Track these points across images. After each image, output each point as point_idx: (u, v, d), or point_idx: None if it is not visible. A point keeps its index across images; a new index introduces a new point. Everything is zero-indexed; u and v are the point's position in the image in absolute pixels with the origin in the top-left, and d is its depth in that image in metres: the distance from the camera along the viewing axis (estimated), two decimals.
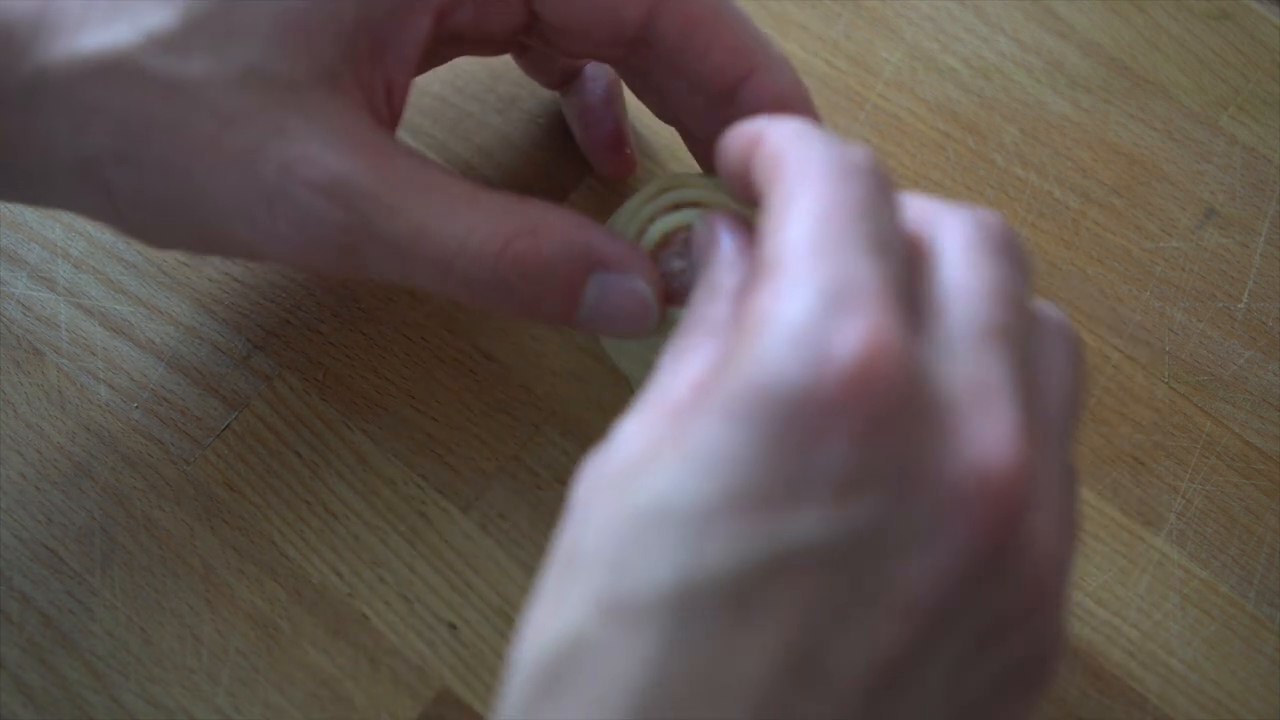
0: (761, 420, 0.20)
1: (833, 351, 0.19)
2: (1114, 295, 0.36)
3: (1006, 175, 0.37)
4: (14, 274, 0.34)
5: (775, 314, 0.20)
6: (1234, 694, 0.31)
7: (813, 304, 0.20)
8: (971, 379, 0.21)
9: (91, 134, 0.25)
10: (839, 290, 0.20)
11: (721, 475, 0.20)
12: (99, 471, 0.32)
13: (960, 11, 0.39)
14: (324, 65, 0.26)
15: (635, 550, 0.20)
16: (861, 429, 0.19)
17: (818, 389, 0.19)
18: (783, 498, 0.20)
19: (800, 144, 0.23)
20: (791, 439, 0.20)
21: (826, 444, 0.19)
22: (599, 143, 0.35)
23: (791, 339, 0.20)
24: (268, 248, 0.27)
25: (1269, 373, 0.35)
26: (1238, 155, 0.38)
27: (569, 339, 0.34)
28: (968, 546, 0.20)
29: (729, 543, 0.20)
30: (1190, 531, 0.33)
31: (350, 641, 0.31)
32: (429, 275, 0.26)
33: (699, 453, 0.20)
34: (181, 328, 0.34)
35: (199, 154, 0.25)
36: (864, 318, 0.20)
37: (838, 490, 0.19)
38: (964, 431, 0.20)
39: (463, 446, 0.33)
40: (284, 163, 0.25)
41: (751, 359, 0.20)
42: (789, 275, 0.21)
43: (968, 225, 0.23)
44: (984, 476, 0.20)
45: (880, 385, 0.19)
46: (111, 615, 0.31)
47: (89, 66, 0.25)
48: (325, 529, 0.32)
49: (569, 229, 0.27)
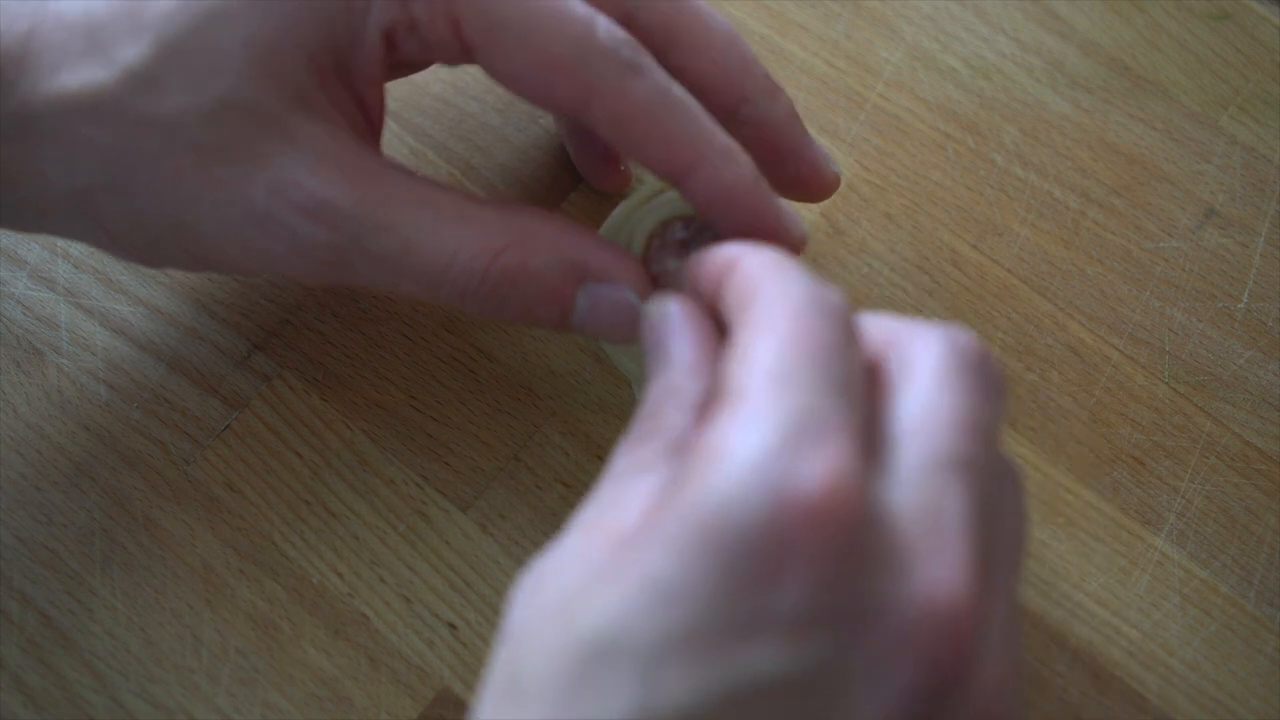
0: (719, 552, 0.19)
1: (794, 485, 0.19)
2: (1114, 295, 0.36)
3: (1006, 175, 0.37)
4: (14, 274, 0.34)
5: (736, 443, 0.20)
6: (1234, 694, 0.31)
7: (775, 436, 0.20)
8: (926, 511, 0.21)
9: (82, 168, 0.26)
10: (802, 424, 0.20)
11: (676, 607, 0.19)
12: (99, 471, 0.32)
13: (960, 11, 0.39)
14: (297, 91, 0.26)
15: (585, 684, 0.20)
16: (819, 565, 0.19)
17: (778, 522, 0.19)
18: (739, 632, 0.19)
19: (775, 276, 0.23)
20: (749, 573, 0.19)
21: (784, 579, 0.19)
22: (592, 159, 0.35)
23: (753, 469, 0.20)
24: (260, 265, 0.27)
25: (1269, 373, 0.35)
26: (1238, 155, 0.38)
27: (569, 339, 0.35)
28: (914, 683, 0.20)
29: (683, 677, 0.19)
30: (1190, 531, 0.33)
31: (350, 641, 0.31)
32: (419, 287, 0.27)
33: (653, 583, 0.20)
34: (181, 328, 0.34)
35: (185, 183, 0.26)
36: (826, 453, 0.20)
37: (794, 626, 0.19)
38: (915, 567, 0.20)
39: (463, 446, 0.33)
40: (272, 187, 0.26)
41: (709, 488, 0.20)
42: (752, 405, 0.21)
43: (942, 348, 0.23)
44: (932, 613, 0.20)
45: (839, 522, 0.19)
46: (111, 615, 0.31)
47: (73, 104, 0.25)
48: (325, 529, 0.32)
49: (557, 239, 0.27)
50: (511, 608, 0.23)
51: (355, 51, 0.27)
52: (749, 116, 0.29)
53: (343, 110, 0.27)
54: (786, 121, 0.30)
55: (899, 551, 0.20)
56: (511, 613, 0.22)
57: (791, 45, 0.39)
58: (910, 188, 0.37)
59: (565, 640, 0.20)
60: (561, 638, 0.21)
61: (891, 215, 0.36)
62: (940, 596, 0.20)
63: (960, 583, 0.20)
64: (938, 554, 0.20)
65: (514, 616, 0.22)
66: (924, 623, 0.20)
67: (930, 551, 0.20)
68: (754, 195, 0.27)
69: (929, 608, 0.20)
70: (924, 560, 0.20)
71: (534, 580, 0.23)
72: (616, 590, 0.20)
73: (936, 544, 0.20)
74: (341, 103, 0.27)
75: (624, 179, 0.35)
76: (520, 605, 0.22)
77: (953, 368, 0.22)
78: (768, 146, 0.30)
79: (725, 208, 0.27)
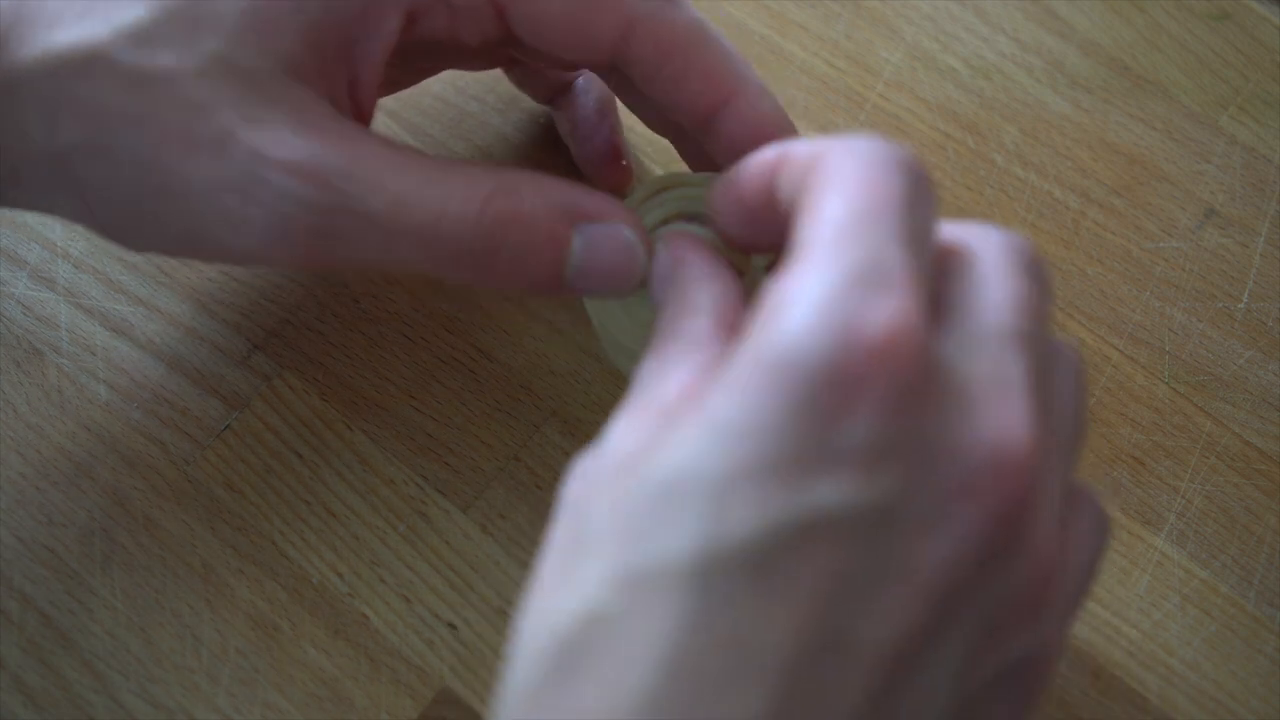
0: (788, 388, 0.20)
1: (861, 325, 0.20)
2: (1114, 295, 0.36)
3: (1006, 175, 0.37)
4: (14, 274, 0.34)
5: (802, 290, 0.20)
6: (1234, 694, 0.31)
7: (842, 282, 0.20)
8: (992, 372, 0.21)
9: (63, 128, 0.25)
10: (870, 272, 0.20)
11: (745, 442, 0.20)
12: (99, 471, 0.32)
13: (960, 11, 0.39)
14: (288, 57, 0.26)
15: (653, 522, 0.20)
16: (887, 401, 0.20)
17: (846, 359, 0.20)
18: (808, 465, 0.20)
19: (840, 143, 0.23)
20: (818, 407, 0.20)
21: (853, 413, 0.19)
22: (594, 156, 0.35)
23: (819, 312, 0.20)
24: (240, 240, 0.26)
25: (1269, 373, 0.35)
26: (1238, 155, 0.38)
27: (569, 339, 0.35)
28: (982, 525, 0.20)
29: (752, 510, 0.19)
30: (1190, 531, 0.33)
31: (350, 641, 0.31)
32: (411, 247, 0.26)
33: (722, 423, 0.20)
34: (181, 328, 0.34)
35: (169, 144, 0.25)
36: (892, 298, 0.20)
37: (863, 459, 0.20)
38: (982, 414, 0.20)
39: (463, 446, 0.33)
40: (254, 148, 0.25)
41: (778, 330, 0.20)
42: (819, 255, 0.21)
43: (1003, 242, 0.23)
44: (999, 455, 0.20)
45: (906, 361, 0.20)
46: (111, 615, 0.31)
47: (62, 61, 0.25)
48: (325, 529, 0.32)
49: (547, 186, 0.27)
50: (567, 488, 0.23)
51: (365, 27, 0.27)
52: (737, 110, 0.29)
53: (331, 85, 0.27)
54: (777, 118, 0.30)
55: (965, 401, 0.21)
56: (567, 490, 0.23)
57: (791, 45, 0.39)
58: None
59: (631, 487, 0.21)
60: (627, 485, 0.21)
61: None
62: (1006, 443, 0.20)
63: (1024, 433, 0.20)
64: (1003, 406, 0.21)
65: (569, 492, 0.23)
66: (989, 467, 0.20)
67: (996, 403, 0.21)
68: (787, 131, 0.28)
69: (994, 454, 0.20)
70: (990, 410, 0.20)
71: (589, 459, 0.23)
72: (684, 435, 0.20)
73: (1002, 397, 0.21)
74: (333, 77, 0.27)
75: (624, 176, 0.35)
76: (576, 481, 0.23)
77: (1013, 260, 0.23)
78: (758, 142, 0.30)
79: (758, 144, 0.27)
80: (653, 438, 0.21)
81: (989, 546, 0.20)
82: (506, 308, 0.35)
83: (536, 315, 0.35)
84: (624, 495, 0.21)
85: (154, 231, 0.27)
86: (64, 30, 0.25)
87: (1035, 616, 0.21)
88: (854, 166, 0.22)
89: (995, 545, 0.20)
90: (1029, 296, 0.22)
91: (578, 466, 0.23)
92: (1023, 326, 0.22)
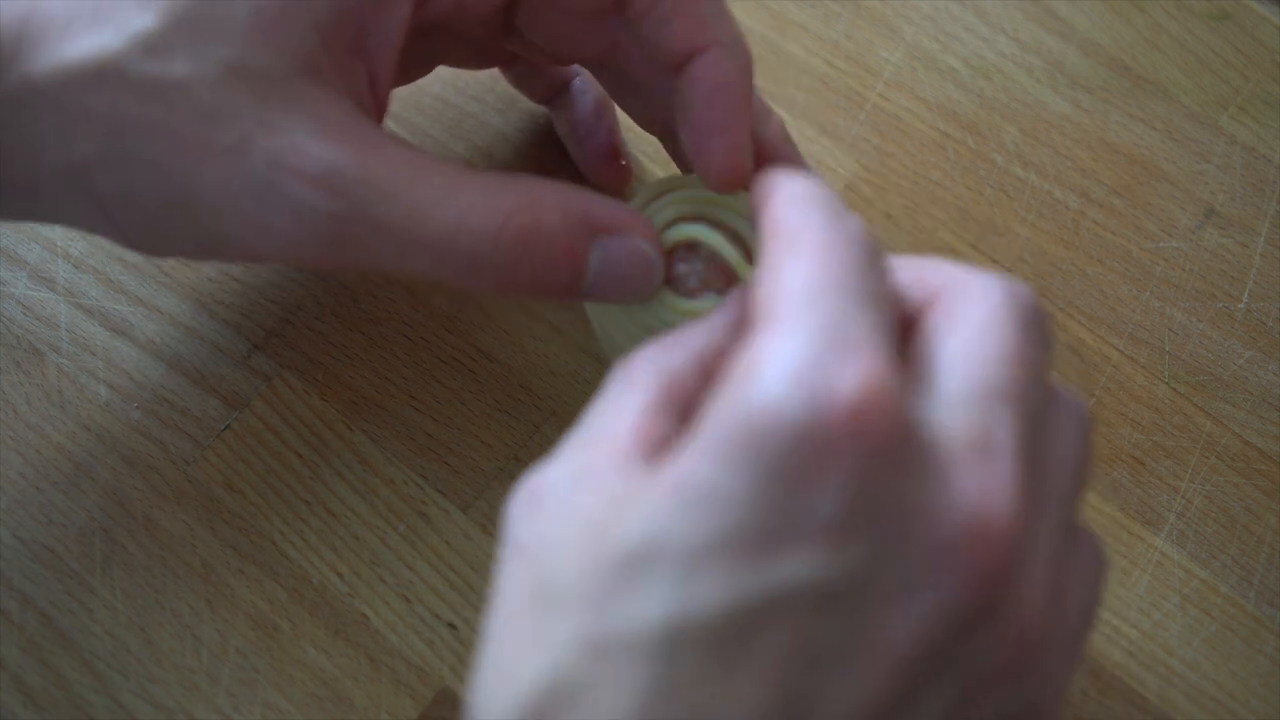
0: (757, 457, 0.19)
1: (831, 390, 0.19)
2: (1114, 295, 0.36)
3: (1006, 175, 0.37)
4: (14, 274, 0.34)
5: (771, 355, 0.20)
6: (1234, 694, 0.31)
7: (809, 346, 0.20)
8: (974, 433, 0.21)
9: (79, 140, 0.25)
10: (834, 335, 0.20)
11: (715, 512, 0.20)
12: (99, 471, 0.32)
13: (960, 11, 0.39)
14: (304, 56, 0.26)
15: (622, 589, 0.20)
16: (857, 469, 0.19)
17: (815, 427, 0.19)
18: (776, 538, 0.19)
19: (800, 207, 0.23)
20: (787, 478, 0.19)
21: (822, 484, 0.19)
22: (592, 155, 0.35)
23: (789, 377, 0.20)
24: (260, 244, 0.26)
25: (1269, 373, 0.35)
26: (1238, 155, 0.38)
27: (569, 339, 0.35)
28: (954, 598, 0.20)
29: (720, 583, 0.19)
30: (1190, 531, 0.33)
31: (350, 641, 0.31)
32: (428, 259, 0.26)
33: (691, 489, 0.20)
34: (181, 328, 0.34)
35: (186, 153, 0.25)
36: (860, 360, 0.20)
37: (832, 531, 0.19)
38: (960, 482, 0.20)
39: (463, 446, 0.33)
40: (272, 155, 0.25)
41: (746, 396, 0.20)
42: (785, 321, 0.21)
43: (998, 291, 0.23)
44: (976, 528, 0.20)
45: (877, 425, 0.19)
46: (111, 615, 0.31)
47: (74, 73, 0.25)
48: (325, 529, 0.32)
49: (565, 199, 0.27)
50: (512, 523, 0.23)
51: (377, 16, 0.27)
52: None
53: (349, 80, 0.27)
54: (779, 143, 0.30)
55: (942, 466, 0.20)
56: (514, 527, 0.22)
57: (791, 45, 0.39)
58: (910, 188, 0.37)
59: (600, 549, 0.21)
60: (596, 546, 0.21)
61: (891, 215, 0.36)
62: (984, 512, 0.20)
63: (1003, 502, 0.20)
64: (981, 471, 0.20)
65: (521, 531, 0.22)
66: (963, 538, 0.20)
67: (974, 468, 0.20)
68: (739, 101, 0.28)
69: (969, 523, 0.20)
70: (967, 476, 0.20)
71: (534, 494, 0.23)
72: (653, 498, 0.20)
73: (981, 462, 0.20)
74: (350, 72, 0.27)
75: (624, 175, 0.35)
76: (524, 519, 0.22)
77: (1005, 309, 0.22)
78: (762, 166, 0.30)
79: (711, 97, 0.27)
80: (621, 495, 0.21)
81: (961, 618, 0.20)
82: (506, 308, 0.35)
83: (536, 315, 0.35)
84: (594, 557, 0.21)
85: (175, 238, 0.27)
86: (75, 41, 0.25)
87: (1017, 681, 0.21)
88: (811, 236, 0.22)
89: (968, 617, 0.20)
90: (1020, 348, 0.22)
91: (519, 498, 0.23)
92: (1011, 381, 0.21)
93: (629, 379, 0.24)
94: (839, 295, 0.21)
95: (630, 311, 0.30)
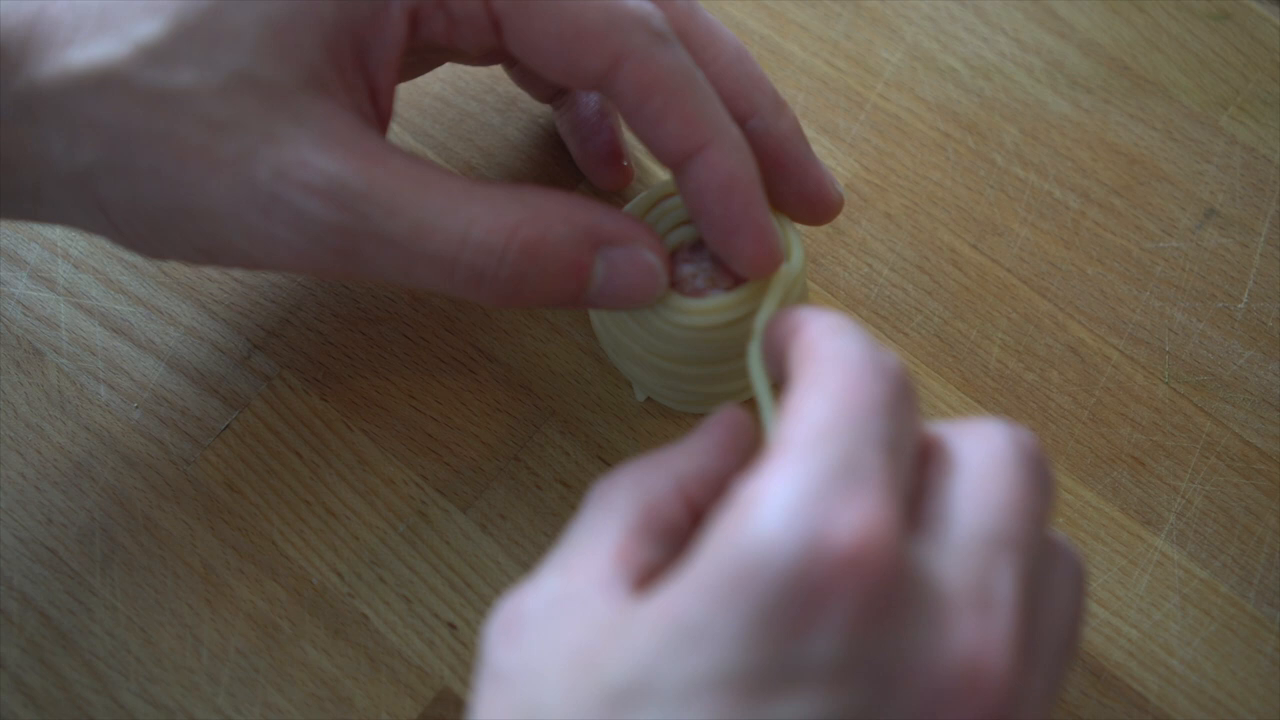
0: (750, 597, 0.19)
1: (830, 532, 0.19)
2: (1114, 295, 0.36)
3: (1006, 175, 0.37)
4: (14, 274, 0.34)
5: (772, 490, 0.20)
6: (1234, 694, 0.31)
7: (812, 484, 0.20)
8: (974, 582, 0.20)
9: (84, 147, 0.25)
10: (841, 474, 0.20)
11: (705, 650, 0.19)
12: (99, 471, 0.32)
13: (960, 11, 0.39)
14: (310, 69, 0.26)
15: None
16: (854, 614, 0.19)
17: (811, 569, 0.19)
18: (770, 681, 0.19)
19: (835, 337, 0.23)
20: (782, 620, 0.19)
21: (818, 628, 0.19)
22: (594, 156, 0.35)
23: (787, 515, 0.19)
24: (264, 254, 0.26)
25: (1269, 373, 0.35)
26: (1238, 155, 0.38)
27: (569, 339, 0.35)
28: None
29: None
30: (1190, 531, 0.33)
31: (350, 641, 0.31)
32: (433, 273, 0.26)
33: (683, 628, 0.20)
34: (181, 328, 0.34)
35: (191, 162, 0.25)
36: (863, 503, 0.20)
37: (826, 676, 0.19)
38: (958, 629, 0.20)
39: (463, 446, 0.33)
40: (277, 167, 0.25)
41: (742, 533, 0.20)
42: (794, 454, 0.20)
43: (1001, 438, 0.23)
44: (969, 678, 0.20)
45: (876, 571, 0.19)
46: (111, 615, 0.31)
47: (80, 81, 0.25)
48: (325, 529, 0.32)
49: (570, 211, 0.27)
50: (490, 649, 0.22)
51: (376, 31, 0.27)
52: (755, 129, 0.29)
53: (354, 94, 0.27)
54: (792, 137, 0.30)
55: (940, 614, 0.20)
56: (493, 653, 0.22)
57: (791, 45, 0.39)
58: (910, 188, 0.37)
59: (590, 682, 0.20)
60: (585, 679, 0.20)
61: (891, 215, 0.36)
62: (980, 664, 0.20)
63: (1001, 653, 0.20)
64: (981, 621, 0.20)
65: (499, 658, 0.22)
66: (960, 687, 0.20)
67: (973, 618, 0.20)
68: (752, 192, 0.27)
69: (967, 672, 0.20)
70: (966, 626, 0.20)
71: (512, 620, 0.22)
72: (643, 631, 0.20)
73: (980, 611, 0.20)
74: (354, 86, 0.27)
75: (625, 176, 0.35)
76: (502, 646, 0.22)
77: (1010, 457, 0.22)
78: (773, 161, 0.30)
79: (723, 196, 0.27)
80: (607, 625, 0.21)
81: None
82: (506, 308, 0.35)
83: (537, 315, 0.35)
84: (583, 691, 0.20)
85: (178, 244, 0.27)
86: (81, 48, 0.25)
87: None
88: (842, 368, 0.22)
89: None
90: (1023, 498, 0.22)
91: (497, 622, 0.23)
92: (1012, 531, 0.21)
93: (607, 502, 0.24)
94: (853, 434, 0.21)
95: (633, 311, 0.30)
